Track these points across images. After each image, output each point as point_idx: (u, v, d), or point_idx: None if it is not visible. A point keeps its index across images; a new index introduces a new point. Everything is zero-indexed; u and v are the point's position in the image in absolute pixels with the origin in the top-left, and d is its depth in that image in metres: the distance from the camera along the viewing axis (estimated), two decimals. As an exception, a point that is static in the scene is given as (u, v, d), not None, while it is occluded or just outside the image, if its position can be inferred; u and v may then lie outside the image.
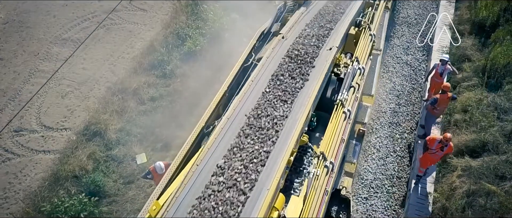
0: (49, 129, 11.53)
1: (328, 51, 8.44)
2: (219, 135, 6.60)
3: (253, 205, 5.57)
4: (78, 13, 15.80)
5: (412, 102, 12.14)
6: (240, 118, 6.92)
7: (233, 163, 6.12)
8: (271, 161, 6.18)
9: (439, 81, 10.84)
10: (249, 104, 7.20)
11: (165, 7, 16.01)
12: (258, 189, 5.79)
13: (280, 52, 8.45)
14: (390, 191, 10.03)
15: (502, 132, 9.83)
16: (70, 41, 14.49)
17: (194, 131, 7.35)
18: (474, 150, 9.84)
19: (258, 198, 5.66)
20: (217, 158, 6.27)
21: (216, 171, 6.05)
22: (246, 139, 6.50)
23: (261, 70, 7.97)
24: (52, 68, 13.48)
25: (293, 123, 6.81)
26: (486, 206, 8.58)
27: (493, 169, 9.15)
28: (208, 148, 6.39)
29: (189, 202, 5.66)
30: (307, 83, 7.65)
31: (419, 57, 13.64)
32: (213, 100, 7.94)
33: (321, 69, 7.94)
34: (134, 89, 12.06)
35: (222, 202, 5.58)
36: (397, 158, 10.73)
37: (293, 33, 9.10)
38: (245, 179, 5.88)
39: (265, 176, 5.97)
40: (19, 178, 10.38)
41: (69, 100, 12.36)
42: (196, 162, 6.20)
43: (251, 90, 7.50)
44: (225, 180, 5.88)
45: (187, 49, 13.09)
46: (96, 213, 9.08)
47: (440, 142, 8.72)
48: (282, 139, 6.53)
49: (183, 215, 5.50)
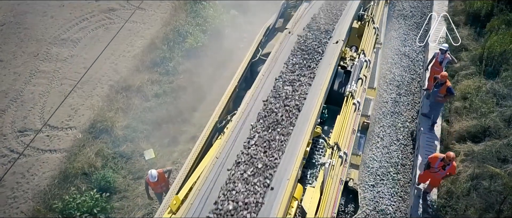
0: (54, 128, 11.53)
1: (334, 45, 8.61)
2: (235, 128, 6.69)
3: (275, 194, 5.70)
4: (75, 14, 15.76)
5: (412, 92, 12.40)
6: (254, 111, 7.01)
7: (252, 155, 6.22)
8: (288, 152, 6.31)
9: (439, 70, 11.09)
10: (261, 98, 7.30)
11: (163, 5, 16.06)
12: (278, 179, 5.91)
13: (287, 46, 8.59)
14: (396, 178, 10.25)
15: (502, 117, 10.14)
16: (70, 41, 14.46)
17: (208, 126, 7.38)
18: (476, 136, 10.13)
19: (280, 188, 5.79)
20: (236, 150, 6.36)
21: (235, 162, 6.15)
22: (262, 132, 6.61)
23: (271, 64, 8.09)
24: (52, 68, 13.46)
25: (306, 115, 6.95)
26: (491, 188, 8.85)
27: (495, 153, 9.44)
28: (226, 141, 6.47)
29: (212, 193, 5.74)
30: (317, 75, 7.79)
31: (416, 48, 13.92)
32: (224, 95, 7.99)
33: (330, 62, 8.10)
34: (138, 87, 12.12)
35: (245, 192, 5.68)
36: (400, 146, 10.97)
37: (299, 28, 9.23)
38: (265, 170, 6.00)
39: (284, 167, 6.09)
40: (26, 177, 10.37)
41: (72, 99, 12.35)
42: (216, 155, 6.27)
43: (262, 84, 7.60)
44: (245, 170, 5.99)
45: (188, 46, 13.18)
46: (108, 209, 9.14)
47: (443, 161, 8.38)
48: (297, 131, 6.67)
49: (207, 207, 5.57)
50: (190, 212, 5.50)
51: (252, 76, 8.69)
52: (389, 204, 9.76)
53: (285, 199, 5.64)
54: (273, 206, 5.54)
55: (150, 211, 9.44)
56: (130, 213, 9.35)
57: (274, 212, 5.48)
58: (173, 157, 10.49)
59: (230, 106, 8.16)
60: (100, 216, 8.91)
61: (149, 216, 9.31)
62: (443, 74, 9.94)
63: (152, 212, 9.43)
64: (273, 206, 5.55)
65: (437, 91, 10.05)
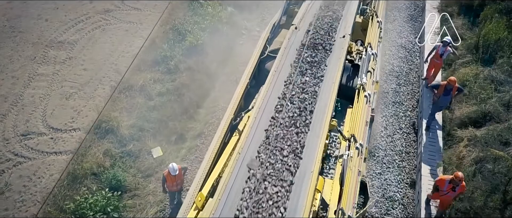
0: (57, 130, 11.44)
1: (341, 39, 8.73)
2: (254, 124, 6.73)
3: (299, 187, 5.78)
4: (70, 16, 15.63)
5: (411, 82, 12.68)
6: (269, 107, 7.06)
7: (272, 150, 6.30)
8: (308, 146, 6.40)
9: (439, 62, 11.33)
10: (275, 94, 7.34)
11: (159, 5, 16.03)
12: (301, 172, 6.00)
13: (295, 42, 8.65)
14: (401, 166, 10.49)
15: (501, 102, 10.47)
16: (67, 43, 14.34)
17: (223, 124, 7.35)
18: (477, 121, 10.43)
19: (303, 180, 5.88)
20: (256, 145, 6.40)
21: (257, 158, 6.21)
22: (280, 127, 6.68)
23: (281, 60, 8.12)
24: (51, 71, 13.34)
25: (323, 109, 7.04)
26: (495, 170, 9.13)
27: (497, 137, 9.74)
28: (246, 136, 6.51)
29: (238, 187, 5.79)
30: (328, 69, 7.90)
31: (412, 39, 14.22)
32: (237, 92, 7.96)
33: (339, 56, 8.22)
34: (141, 86, 12.12)
35: (270, 186, 5.76)
36: (403, 134, 11.22)
37: (304, 23, 9.29)
38: (288, 163, 6.09)
39: (305, 160, 6.18)
40: (33, 180, 10.28)
41: (74, 101, 12.27)
42: (238, 151, 6.30)
43: (275, 80, 7.64)
44: (268, 166, 6.06)
45: (188, 44, 13.21)
46: (120, 208, 9.14)
47: (451, 182, 8.12)
48: (315, 124, 6.76)
49: (235, 200, 5.63)
50: (219, 208, 5.52)
51: (260, 73, 8.73)
52: (396, 190, 9.99)
53: (311, 191, 5.72)
54: (299, 199, 5.61)
55: (163, 208, 9.48)
56: (142, 211, 9.36)
57: (301, 204, 5.54)
58: (181, 154, 10.54)
59: (242, 103, 8.19)
60: (114, 215, 8.90)
61: (162, 213, 9.34)
62: (452, 79, 9.80)
63: (164, 209, 9.47)
64: (299, 198, 5.61)
65: (448, 97, 10.03)
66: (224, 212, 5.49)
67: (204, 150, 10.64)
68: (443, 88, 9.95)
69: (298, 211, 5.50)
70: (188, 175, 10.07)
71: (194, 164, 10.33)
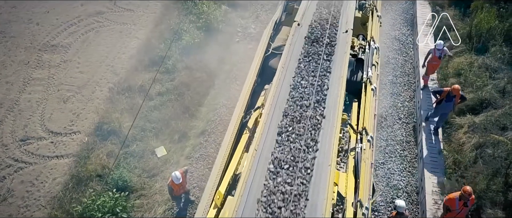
0: (57, 134, 11.31)
1: (344, 34, 8.82)
2: (267, 121, 6.76)
3: (318, 181, 5.83)
4: (62, 19, 15.44)
5: (407, 73, 12.91)
6: (280, 103, 7.10)
7: (290, 145, 6.34)
8: (322, 140, 6.45)
9: (436, 64, 11.22)
10: (285, 90, 7.38)
11: (151, 6, 15.97)
12: (319, 166, 6.05)
13: (299, 38, 8.69)
14: (402, 155, 10.67)
15: (496, 88, 10.75)
16: (60, 46, 14.18)
17: (235, 122, 7.35)
18: (474, 108, 10.69)
19: (322, 174, 5.93)
20: (271, 142, 6.43)
21: (274, 153, 6.24)
22: (294, 122, 6.73)
23: (288, 56, 8.15)
24: (46, 75, 13.17)
25: (334, 103, 7.11)
26: (495, 155, 9.38)
27: (495, 122, 10.00)
28: (261, 133, 6.52)
29: (258, 183, 5.81)
30: (334, 64, 7.97)
31: (405, 31, 14.47)
32: (245, 90, 7.96)
33: (344, 50, 8.30)
34: (140, 86, 12.06)
35: (290, 181, 5.81)
36: (402, 124, 11.42)
37: (306, 20, 9.31)
38: (304, 158, 6.14)
39: (321, 154, 6.23)
40: (36, 185, 10.15)
41: (72, 104, 12.15)
42: (255, 148, 6.30)
43: (284, 76, 7.67)
44: (286, 160, 6.11)
45: (185, 43, 13.19)
46: (128, 208, 9.10)
47: (461, 198, 7.88)
48: (327, 119, 6.83)
49: (255, 196, 5.66)
50: (241, 206, 5.52)
51: (264, 70, 8.74)
52: (399, 179, 10.16)
53: (331, 184, 5.78)
54: (320, 193, 5.66)
55: (170, 207, 9.46)
56: (150, 210, 9.34)
57: (322, 197, 5.60)
58: (186, 152, 10.53)
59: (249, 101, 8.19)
60: (123, 215, 8.86)
61: (171, 211, 9.34)
62: (455, 88, 9.58)
63: (172, 207, 9.46)
64: (319, 192, 5.66)
65: (450, 104, 9.81)
66: (246, 210, 5.49)
67: (208, 148, 10.69)
68: (445, 94, 9.73)
69: (320, 205, 5.54)
70: (194, 173, 10.07)
71: (199, 161, 10.34)
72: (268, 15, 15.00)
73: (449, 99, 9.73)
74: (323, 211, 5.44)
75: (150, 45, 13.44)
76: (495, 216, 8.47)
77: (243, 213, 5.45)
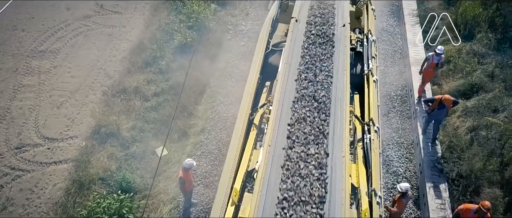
0: (53, 140, 11.15)
1: (342, 28, 8.95)
2: (276, 116, 6.79)
3: (334, 173, 5.89)
4: (48, 24, 15.19)
5: (397, 63, 13.22)
6: (288, 99, 7.15)
7: (301, 141, 6.39)
8: (333, 132, 6.54)
9: (431, 70, 10.96)
10: (290, 86, 7.41)
11: (139, 7, 15.87)
12: (333, 159, 6.10)
13: (299, 34, 8.76)
14: (399, 142, 10.94)
15: (485, 73, 11.16)
16: (49, 52, 13.95)
17: (243, 120, 7.33)
18: (465, 93, 11.05)
19: (336, 166, 6.00)
20: (283, 137, 6.48)
21: (287, 150, 6.28)
22: (304, 117, 6.79)
23: (289, 52, 8.19)
24: (37, 81, 12.95)
25: (340, 94, 7.20)
26: (489, 136, 9.72)
27: (486, 105, 10.36)
28: (272, 129, 6.57)
29: (275, 179, 5.85)
30: (336, 58, 8.07)
31: (392, 23, 14.82)
32: (250, 88, 7.94)
33: (345, 44, 8.41)
34: (135, 88, 12.00)
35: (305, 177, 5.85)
36: (397, 113, 11.70)
37: (303, 16, 9.38)
38: (317, 152, 6.21)
39: (333, 146, 6.31)
40: (36, 192, 9.99)
41: (66, 109, 11.99)
42: (269, 143, 6.32)
43: (288, 71, 7.72)
44: (300, 155, 6.16)
45: (177, 43, 13.18)
46: (134, 208, 9.06)
47: (477, 212, 7.59)
48: (336, 110, 6.92)
49: (275, 187, 5.70)
50: (261, 202, 5.50)
51: (264, 67, 8.77)
52: (398, 165, 10.42)
53: (347, 175, 5.86)
54: (337, 183, 5.73)
55: (176, 205, 9.46)
56: (156, 210, 9.32)
57: (339, 188, 5.67)
58: (187, 150, 10.53)
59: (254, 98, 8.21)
60: (129, 216, 8.82)
61: (177, 210, 9.34)
62: (446, 98, 9.52)
63: (178, 206, 9.46)
64: (336, 183, 5.73)
65: (443, 111, 9.73)
66: (266, 206, 5.47)
67: (210, 145, 10.73)
68: (437, 102, 9.66)
69: (338, 195, 5.60)
70: (197, 170, 10.09)
71: (201, 159, 10.37)
72: (257, 12, 15.12)
73: (441, 106, 9.66)
74: (343, 201, 5.50)
75: (142, 46, 13.35)
76: (494, 194, 8.79)
77: (264, 209, 5.43)
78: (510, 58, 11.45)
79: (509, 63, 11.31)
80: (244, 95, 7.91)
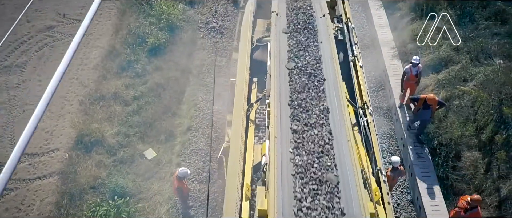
0: (34, 155, 10.78)
1: (323, 18, 9.05)
2: (276, 110, 6.74)
3: (342, 158, 6.00)
4: (9, 38, 14.43)
5: (367, 45, 13.74)
6: (284, 93, 7.14)
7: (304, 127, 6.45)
8: (333, 118, 6.65)
9: (413, 82, 10.97)
10: (284, 79, 7.41)
11: (104, 13, 15.50)
12: (338, 144, 6.19)
13: (282, 27, 8.78)
14: (380, 120, 11.42)
15: (451, 47, 11.82)
16: (15, 66, 13.37)
17: (241, 117, 7.30)
18: (434, 67, 11.67)
19: (343, 151, 6.09)
20: (287, 129, 6.47)
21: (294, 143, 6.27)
22: (304, 108, 6.84)
23: (276, 46, 8.19)
24: (6, 98, 12.40)
25: (333, 81, 7.31)
26: (462, 105, 10.37)
27: (456, 76, 11.02)
28: (275, 123, 6.49)
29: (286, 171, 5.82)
30: (323, 48, 8.15)
31: (357, 8, 15.33)
32: (243, 84, 7.90)
33: (328, 33, 8.53)
34: (114, 94, 11.77)
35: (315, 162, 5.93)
36: (374, 92, 12.21)
37: (282, 9, 9.39)
38: (322, 140, 6.27)
39: (336, 132, 6.40)
40: (23, 210, 9.63)
41: (43, 123, 11.54)
42: (275, 135, 6.27)
43: (278, 65, 7.69)
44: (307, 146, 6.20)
45: (151, 45, 13.05)
46: (132, 212, 8.95)
47: (468, 203, 7.96)
48: (332, 97, 7.02)
49: (288, 177, 5.69)
50: (279, 196, 5.40)
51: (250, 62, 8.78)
52: (381, 142, 10.87)
53: (354, 157, 5.97)
54: (347, 167, 5.83)
55: (173, 205, 9.42)
56: (154, 211, 9.25)
57: (350, 171, 5.77)
58: (176, 150, 10.49)
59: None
60: (129, 220, 8.72)
61: (174, 209, 9.32)
62: (431, 97, 9.61)
63: (175, 205, 9.43)
64: (346, 167, 5.83)
65: (429, 112, 9.78)
66: (284, 199, 5.40)
67: (198, 142, 10.75)
68: (422, 102, 9.68)
69: (350, 179, 5.69)
70: (189, 167, 10.07)
71: (191, 156, 10.37)
72: (226, 8, 15.18)
73: (426, 106, 9.67)
74: (356, 182, 5.61)
75: (114, 52, 13.10)
76: (474, 157, 9.41)
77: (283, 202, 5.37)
78: (471, 31, 12.21)
79: (470, 36, 12.07)
80: (237, 93, 7.84)
